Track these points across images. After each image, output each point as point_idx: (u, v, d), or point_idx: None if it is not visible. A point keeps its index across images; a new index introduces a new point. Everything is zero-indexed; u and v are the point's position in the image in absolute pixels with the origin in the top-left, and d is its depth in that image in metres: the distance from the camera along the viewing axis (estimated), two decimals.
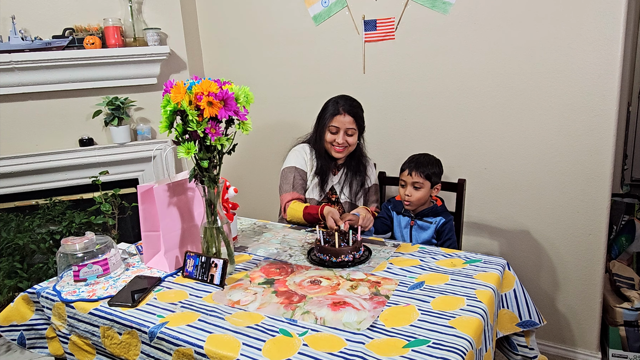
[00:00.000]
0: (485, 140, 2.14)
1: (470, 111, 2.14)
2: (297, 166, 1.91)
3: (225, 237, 1.41)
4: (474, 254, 1.52)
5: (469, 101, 2.13)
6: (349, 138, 1.85)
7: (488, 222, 2.22)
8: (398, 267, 1.43)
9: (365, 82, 2.36)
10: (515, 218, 2.14)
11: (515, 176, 2.11)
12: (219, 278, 1.34)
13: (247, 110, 1.31)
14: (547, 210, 2.06)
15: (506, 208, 2.16)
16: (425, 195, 1.78)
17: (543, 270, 2.13)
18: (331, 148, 1.87)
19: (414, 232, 1.83)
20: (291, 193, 1.88)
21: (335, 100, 1.88)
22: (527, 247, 2.15)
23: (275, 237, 1.74)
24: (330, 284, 1.33)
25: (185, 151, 1.26)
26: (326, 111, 1.87)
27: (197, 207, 1.52)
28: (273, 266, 1.47)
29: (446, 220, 1.80)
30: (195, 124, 1.24)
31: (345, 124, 1.83)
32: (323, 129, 1.86)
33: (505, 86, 2.04)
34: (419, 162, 1.79)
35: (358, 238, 1.54)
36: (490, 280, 1.32)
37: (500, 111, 2.08)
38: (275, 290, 1.30)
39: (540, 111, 1.99)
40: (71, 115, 2.54)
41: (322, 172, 1.90)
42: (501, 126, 2.09)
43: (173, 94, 1.23)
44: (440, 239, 1.80)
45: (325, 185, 1.91)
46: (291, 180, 1.90)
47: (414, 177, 1.76)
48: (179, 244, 1.48)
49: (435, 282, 1.33)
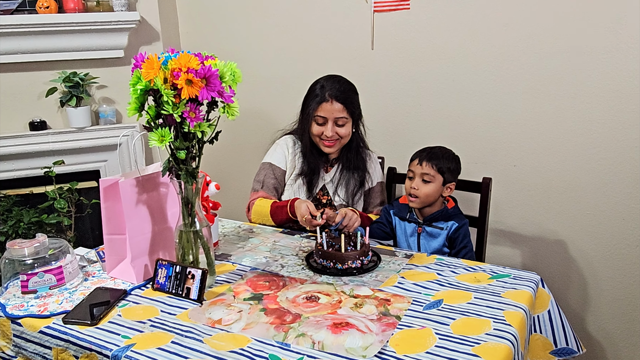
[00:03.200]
0: (516, 132, 2.14)
1: (498, 97, 2.13)
2: (273, 162, 1.91)
3: (205, 242, 1.41)
4: (502, 268, 1.53)
5: (497, 85, 2.12)
6: (339, 129, 1.84)
7: (513, 229, 2.22)
8: (411, 282, 1.43)
9: (374, 60, 2.35)
10: (546, 225, 2.14)
11: (550, 175, 2.10)
12: (196, 292, 1.34)
13: (234, 90, 1.31)
14: (586, 217, 2.06)
15: (536, 213, 2.15)
16: (435, 191, 1.77)
17: (573, 285, 2.13)
18: (320, 142, 1.87)
19: (423, 241, 1.83)
20: (259, 192, 1.90)
21: (321, 84, 1.84)
22: (556, 258, 2.14)
23: (264, 244, 1.74)
24: (330, 301, 1.32)
25: (158, 139, 1.26)
26: (310, 98, 1.85)
27: (171, 206, 1.53)
28: (261, 278, 1.47)
29: (460, 224, 1.79)
30: (170, 106, 1.23)
31: (334, 113, 1.81)
32: (308, 119, 1.84)
33: (541, 68, 2.03)
34: (433, 152, 1.79)
35: (366, 241, 1.55)
36: (521, 300, 1.31)
37: (534, 98, 2.07)
38: (264, 307, 1.30)
39: (582, 98, 1.98)
40: (20, 94, 2.51)
41: (311, 169, 1.89)
42: (535, 116, 2.08)
43: (144, 70, 1.23)
44: (453, 247, 1.80)
45: (314, 185, 1.90)
46: (262, 179, 1.91)
47: (424, 168, 1.76)
48: (148, 250, 1.48)
49: (455, 300, 1.32)
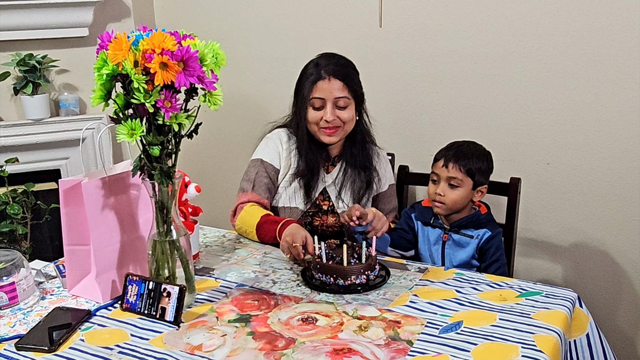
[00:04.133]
0: (549, 125, 2.14)
1: (529, 82, 2.13)
2: (265, 159, 1.91)
3: (183, 254, 1.41)
4: (533, 284, 1.52)
5: (528, 68, 2.12)
6: (341, 112, 1.82)
7: (548, 238, 2.22)
8: (425, 301, 1.43)
9: (383, 40, 2.35)
10: (587, 232, 2.14)
11: (590, 175, 2.10)
12: (172, 313, 1.34)
13: (217, 76, 1.31)
14: (634, 223, 2.06)
15: (574, 218, 2.15)
16: (464, 197, 1.78)
17: (623, 305, 2.13)
18: (318, 131, 1.85)
19: (448, 250, 1.83)
20: (249, 194, 1.88)
21: (315, 62, 1.86)
22: (599, 272, 2.15)
23: (252, 256, 1.74)
24: (330, 323, 1.32)
25: (128, 132, 1.25)
26: (304, 79, 1.85)
27: (143, 211, 1.53)
28: (249, 297, 1.47)
29: (493, 234, 1.80)
30: (142, 94, 1.23)
31: (333, 92, 1.80)
32: (303, 104, 1.84)
33: (581, 47, 2.03)
34: (460, 151, 1.80)
35: (372, 253, 1.55)
36: (554, 322, 1.31)
37: (572, 84, 2.07)
38: (253, 330, 1.30)
39: (629, 84, 1.98)
40: None
41: (309, 169, 1.88)
42: (572, 105, 2.08)
43: (111, 51, 1.22)
44: (483, 260, 1.81)
45: (313, 188, 1.89)
46: (252, 177, 1.90)
47: (451, 171, 1.77)
48: (116, 263, 1.48)
49: (477, 322, 1.32)
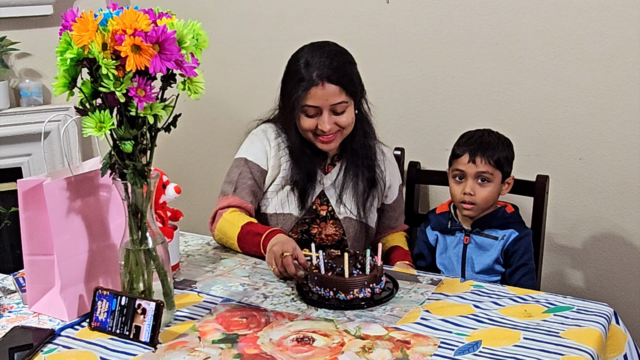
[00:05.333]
0: (581, 115, 2.14)
1: (557, 67, 2.13)
2: (250, 158, 1.91)
3: (161, 265, 1.41)
4: (562, 297, 1.52)
5: (557, 50, 2.12)
6: (339, 118, 1.82)
7: (580, 244, 2.22)
8: (438, 318, 1.43)
9: (390, 18, 2.35)
10: (625, 238, 2.15)
11: (628, 172, 2.11)
12: (148, 332, 1.34)
13: (198, 60, 1.31)
14: None
15: (611, 222, 2.16)
16: (495, 193, 1.82)
17: None
18: (314, 138, 1.85)
19: (470, 254, 1.85)
20: (230, 197, 1.88)
21: (304, 60, 1.81)
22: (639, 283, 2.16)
23: (241, 266, 1.74)
24: (329, 344, 1.32)
25: (96, 126, 1.25)
26: (292, 81, 1.81)
27: (114, 216, 1.53)
28: (237, 314, 1.47)
29: (521, 235, 1.81)
30: (112, 81, 1.23)
31: (329, 99, 1.79)
32: (295, 111, 1.82)
33: (617, 27, 2.03)
34: (484, 142, 1.81)
35: (378, 262, 1.55)
36: (587, 341, 1.32)
37: (608, 67, 2.07)
38: (240, 352, 1.30)
39: None
40: None
41: (304, 175, 1.89)
42: (608, 92, 2.08)
43: (76, 33, 1.22)
44: (509, 264, 1.82)
45: (309, 193, 1.90)
46: (235, 179, 1.90)
47: (480, 166, 1.78)
48: (84, 275, 1.48)
49: (498, 342, 1.32)
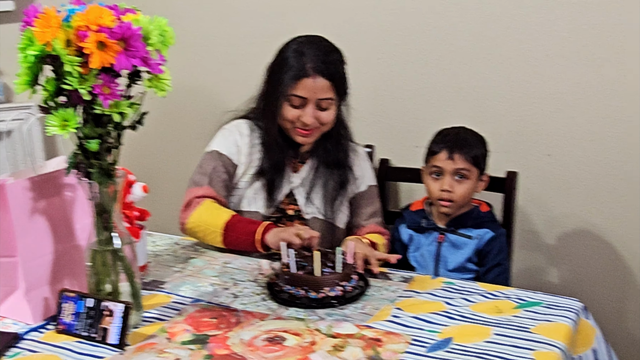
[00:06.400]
0: (550, 111, 2.15)
1: (527, 64, 2.15)
2: (223, 152, 1.91)
3: (128, 266, 1.41)
4: (532, 293, 1.54)
5: (527, 47, 2.14)
6: (322, 114, 1.83)
7: (549, 239, 2.25)
8: (410, 315, 1.44)
9: (359, 14, 2.35)
10: (593, 232, 2.17)
11: (596, 168, 2.13)
12: (116, 334, 1.34)
13: (164, 57, 1.31)
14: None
15: (580, 217, 2.18)
16: (472, 190, 1.85)
17: (632, 312, 2.17)
18: (292, 129, 1.86)
19: (444, 252, 1.87)
20: (205, 188, 1.87)
21: (297, 50, 1.82)
22: (610, 277, 2.17)
23: (210, 266, 1.75)
24: (300, 343, 1.33)
25: (60, 124, 1.25)
26: (283, 69, 1.82)
27: (80, 216, 1.53)
28: (207, 314, 1.47)
29: (496, 234, 1.83)
30: (76, 78, 1.23)
31: (317, 93, 1.80)
32: (279, 99, 1.82)
33: (587, 25, 2.04)
34: (462, 139, 1.83)
35: (349, 260, 1.56)
36: (557, 336, 1.33)
37: (576, 65, 2.08)
38: (211, 353, 1.30)
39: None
40: None
41: (275, 168, 1.89)
42: (576, 89, 2.10)
43: (39, 29, 1.22)
44: (483, 264, 1.84)
45: (277, 189, 1.90)
46: (209, 171, 1.89)
47: (458, 162, 1.80)
48: (49, 277, 1.48)
49: (470, 338, 1.33)
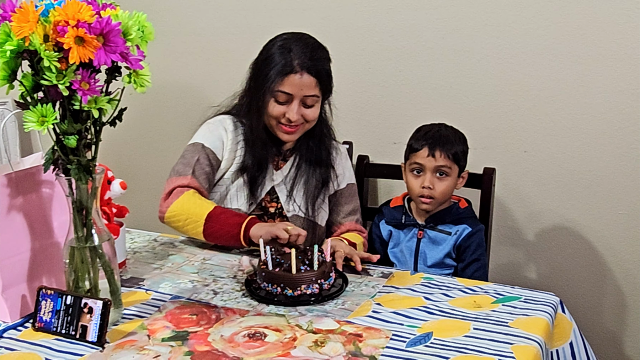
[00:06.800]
0: (527, 107, 2.17)
1: (503, 60, 2.16)
2: (207, 145, 1.90)
3: (107, 263, 1.41)
4: (510, 288, 1.56)
5: (503, 44, 2.15)
6: (307, 111, 1.84)
7: (526, 235, 2.27)
8: (390, 310, 1.45)
9: (335, 10, 2.35)
10: (568, 228, 2.19)
11: (572, 165, 2.15)
12: (95, 331, 1.34)
13: (144, 52, 1.31)
14: (622, 217, 2.12)
15: (555, 213, 2.20)
16: (452, 187, 1.87)
17: (607, 306, 2.19)
18: (277, 126, 1.87)
19: (423, 248, 1.88)
20: (188, 178, 1.85)
21: (284, 46, 1.83)
22: (586, 271, 2.20)
23: (189, 262, 1.75)
24: (281, 339, 1.34)
25: (38, 120, 1.24)
26: (269, 65, 1.82)
27: (58, 213, 1.52)
28: (186, 310, 1.48)
29: (474, 230, 1.85)
30: (54, 74, 1.22)
31: (303, 89, 1.81)
32: (265, 95, 1.83)
33: (562, 21, 2.06)
34: (443, 136, 1.84)
35: (327, 258, 1.56)
36: (534, 330, 1.34)
37: (552, 62, 2.10)
38: (191, 350, 1.30)
39: (618, 62, 2.01)
40: None
41: (257, 164, 1.89)
42: (553, 85, 2.12)
43: (16, 23, 1.21)
44: (462, 259, 1.85)
45: (259, 187, 1.90)
46: (192, 162, 1.88)
47: (439, 159, 1.81)
48: (27, 275, 1.47)
49: (449, 333, 1.34)
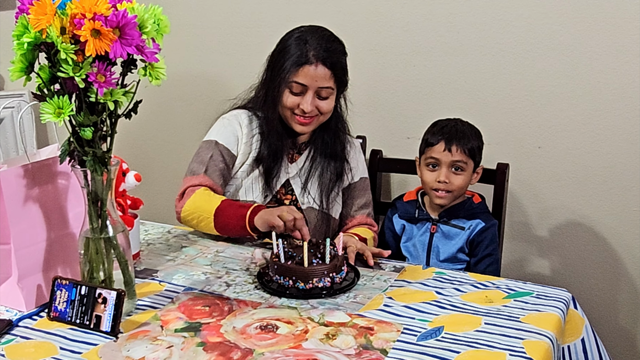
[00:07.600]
0: (541, 103, 2.16)
1: (518, 55, 2.15)
2: (221, 141, 1.92)
3: (121, 254, 1.42)
4: (522, 283, 1.55)
5: (518, 39, 2.14)
6: (321, 103, 1.84)
7: (539, 231, 2.26)
8: (401, 304, 1.45)
9: (348, 4, 2.34)
10: (582, 224, 2.18)
11: (586, 160, 2.14)
12: (109, 322, 1.34)
13: (159, 45, 1.31)
14: (636, 214, 2.11)
15: (569, 209, 2.20)
16: (467, 182, 1.87)
17: (621, 303, 2.18)
18: (291, 117, 1.87)
19: (436, 242, 1.89)
20: (201, 177, 1.88)
21: (301, 38, 1.84)
22: (599, 268, 2.19)
23: (203, 255, 1.75)
24: (292, 331, 1.34)
25: (55, 112, 1.25)
26: (286, 56, 1.83)
27: (73, 204, 1.52)
28: (199, 302, 1.48)
29: (487, 225, 1.85)
30: (71, 66, 1.22)
31: (318, 80, 1.81)
32: (280, 85, 1.83)
33: (578, 16, 2.05)
34: (459, 131, 1.84)
35: (339, 252, 1.56)
36: (546, 325, 1.34)
37: (567, 57, 2.09)
38: (204, 341, 1.31)
39: (633, 57, 2.00)
40: None
41: (272, 155, 1.89)
42: (567, 81, 2.11)
43: (33, 16, 1.21)
44: (474, 254, 1.85)
45: (274, 178, 1.91)
46: (206, 160, 1.90)
47: (455, 154, 1.81)
48: (42, 265, 1.48)
49: (460, 328, 1.34)
